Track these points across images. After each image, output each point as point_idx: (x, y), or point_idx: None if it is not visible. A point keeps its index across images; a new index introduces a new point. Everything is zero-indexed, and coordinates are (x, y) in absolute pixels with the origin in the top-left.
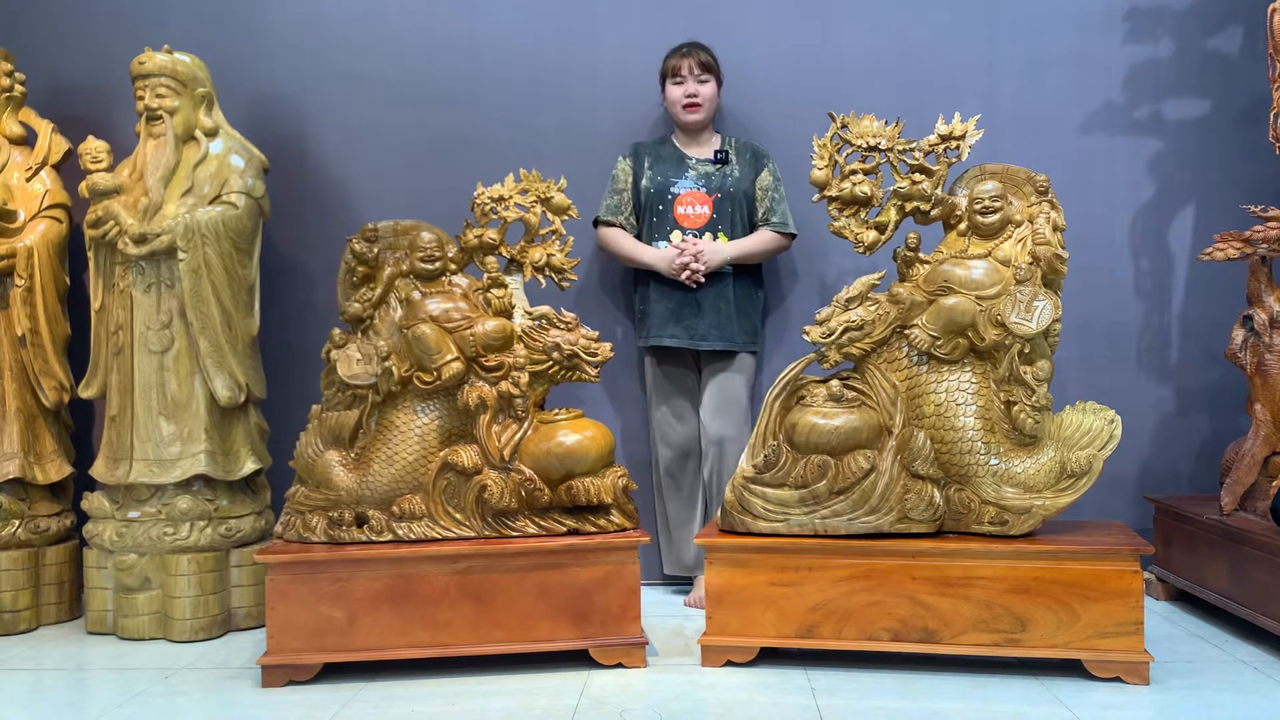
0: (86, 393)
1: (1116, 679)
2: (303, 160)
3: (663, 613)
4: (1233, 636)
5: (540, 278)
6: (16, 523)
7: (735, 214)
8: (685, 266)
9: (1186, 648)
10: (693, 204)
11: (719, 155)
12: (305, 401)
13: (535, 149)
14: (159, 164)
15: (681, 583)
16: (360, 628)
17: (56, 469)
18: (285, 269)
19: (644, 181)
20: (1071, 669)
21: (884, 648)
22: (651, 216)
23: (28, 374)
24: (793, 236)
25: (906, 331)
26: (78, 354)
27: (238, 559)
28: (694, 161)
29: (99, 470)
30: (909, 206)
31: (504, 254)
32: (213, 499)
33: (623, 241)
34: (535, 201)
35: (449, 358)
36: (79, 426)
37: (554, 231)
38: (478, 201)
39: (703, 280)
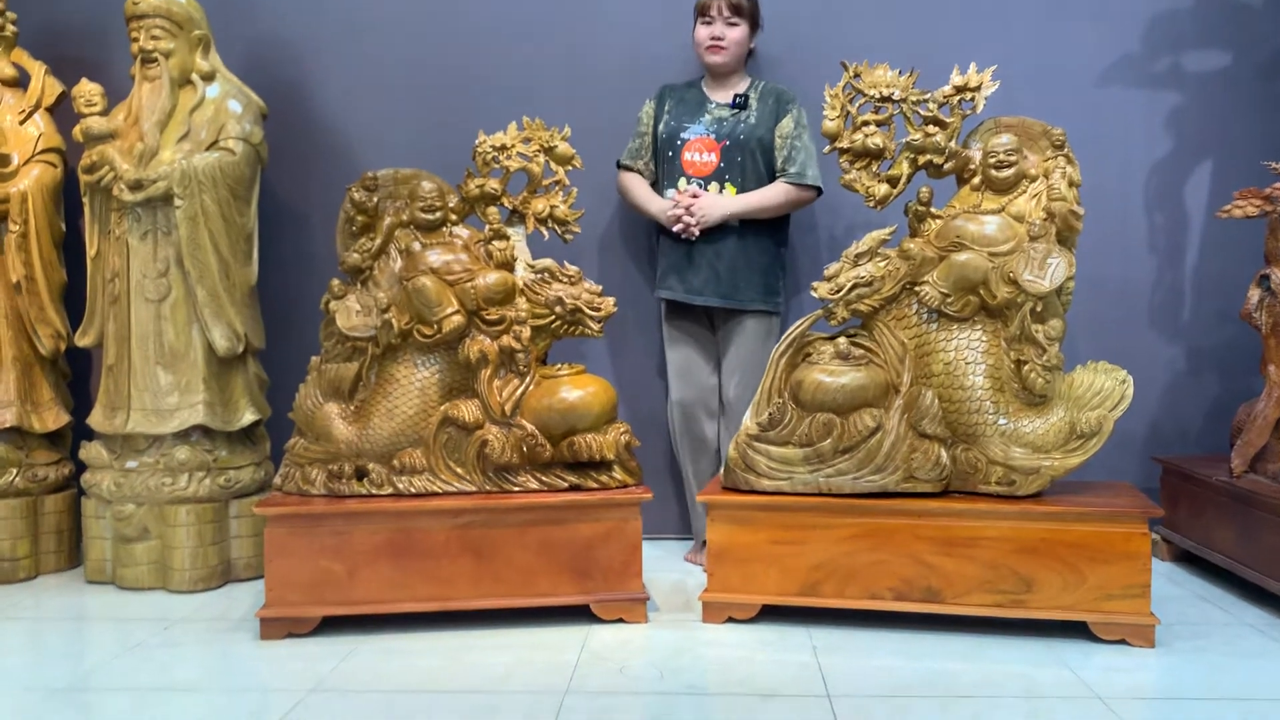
0: (83, 341)
1: (1122, 641)
2: (302, 106)
3: (666, 567)
4: (1239, 599)
5: (543, 230)
6: (14, 471)
7: (747, 163)
8: (679, 219)
9: (1192, 610)
10: (700, 150)
11: (737, 100)
12: (305, 352)
13: (541, 95)
14: (154, 108)
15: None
16: (360, 581)
17: (54, 417)
18: (284, 217)
19: (660, 125)
20: (1076, 631)
21: (887, 607)
22: (663, 163)
23: (23, 321)
24: (817, 190)
25: (917, 288)
26: (75, 301)
27: (237, 510)
28: (713, 106)
29: (96, 419)
30: (922, 160)
31: (506, 205)
32: (211, 450)
33: (635, 188)
34: (538, 151)
35: (449, 311)
36: (77, 374)
37: (557, 182)
38: (479, 150)
39: (695, 234)
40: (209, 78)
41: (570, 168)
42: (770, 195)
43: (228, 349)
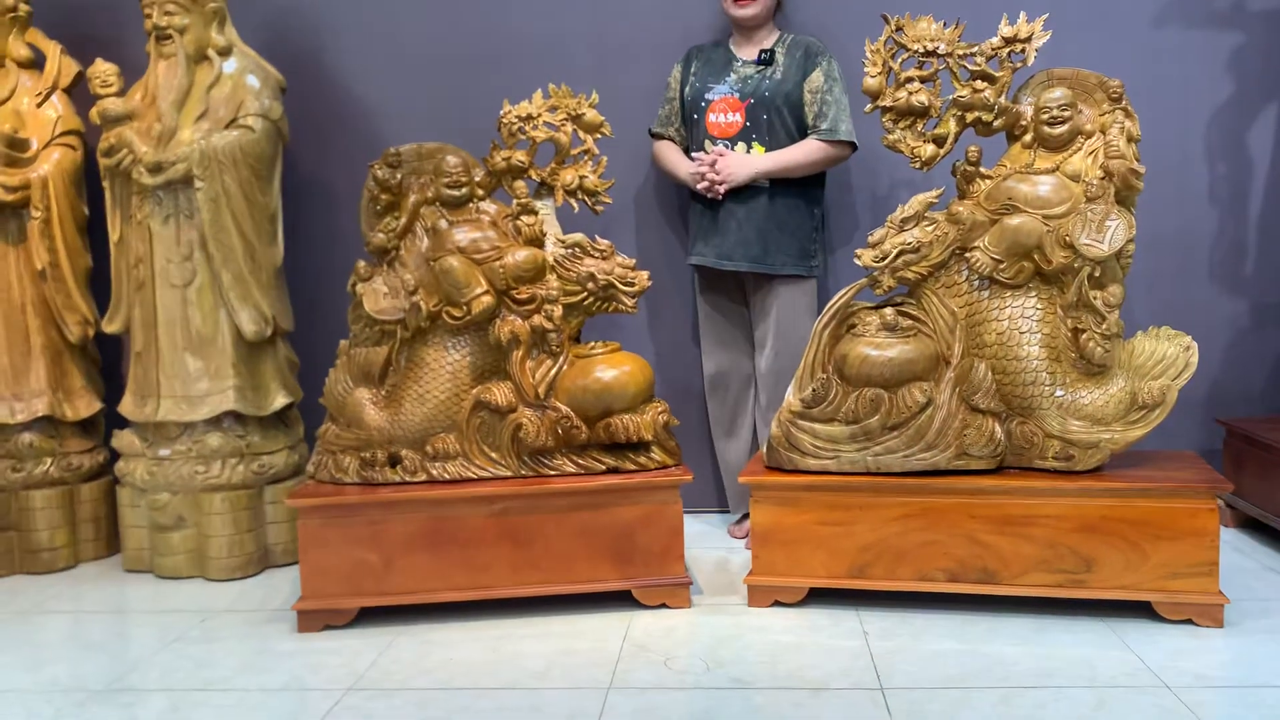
0: (110, 327)
1: (1188, 621)
2: (321, 77)
3: (708, 543)
4: None
5: (572, 201)
6: (49, 461)
7: (774, 121)
8: (703, 177)
9: (1261, 585)
10: (724, 111)
11: (763, 55)
12: (335, 331)
13: (568, 61)
14: (171, 87)
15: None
16: (396, 571)
17: (86, 404)
18: (308, 193)
19: (686, 89)
20: (1140, 611)
21: (940, 588)
22: (690, 127)
23: (51, 309)
24: (852, 146)
25: (967, 254)
26: (102, 286)
27: (272, 495)
28: (738, 64)
29: (127, 407)
30: (970, 117)
31: (534, 177)
32: (244, 435)
33: (665, 154)
34: (565, 119)
35: (478, 291)
36: (108, 360)
37: (586, 151)
38: (504, 121)
39: (720, 193)
40: (225, 52)
41: (599, 136)
42: (800, 153)
43: (256, 333)
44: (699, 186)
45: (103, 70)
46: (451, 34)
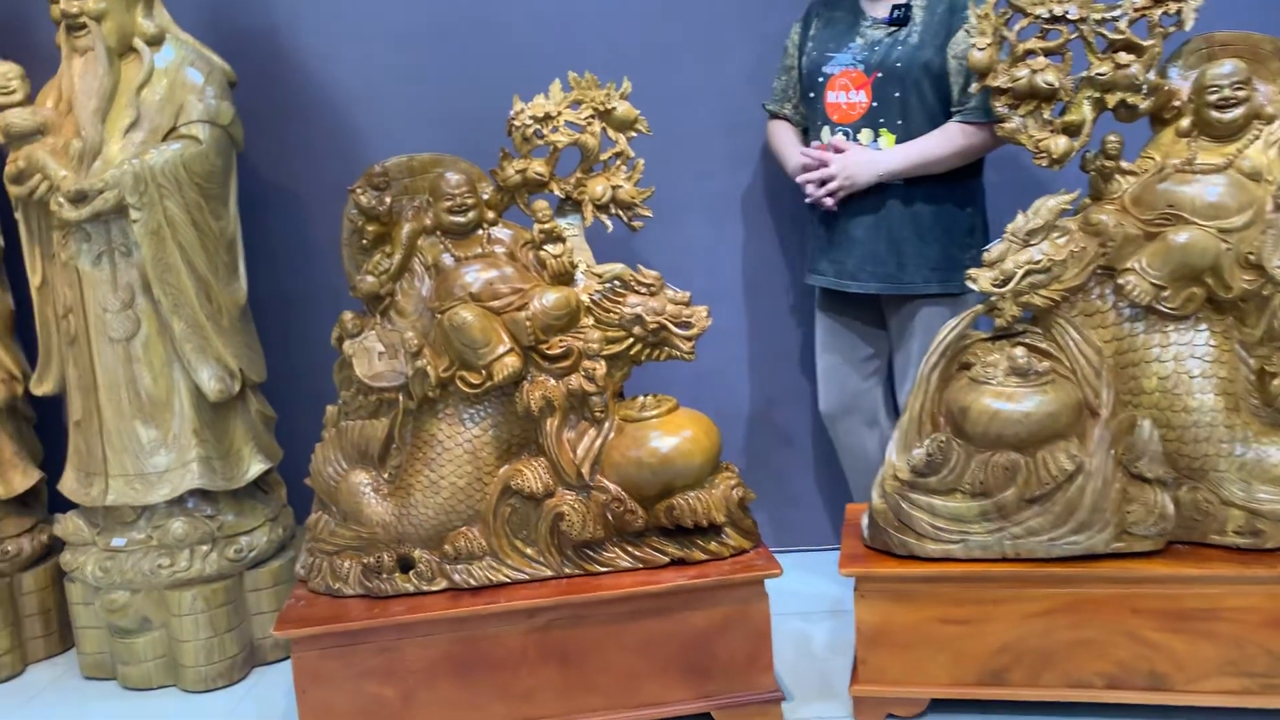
0: (40, 389)
1: None
2: (277, 58)
3: (782, 608)
4: None
5: (603, 218)
6: None
7: (909, 99)
8: (818, 184)
9: None
10: (846, 89)
11: (895, 12)
12: (314, 367)
13: (622, 27)
14: (91, 91)
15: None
16: (418, 706)
17: (21, 476)
18: (269, 204)
19: (803, 57)
20: None
21: (1097, 697)
22: (807, 105)
23: None
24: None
25: (1119, 278)
26: (29, 329)
27: (254, 581)
28: (866, 25)
29: (69, 486)
30: (1111, 100)
31: (555, 191)
32: (214, 514)
33: (777, 139)
34: (591, 116)
35: (500, 351)
36: (42, 411)
37: (619, 154)
38: (517, 123)
39: (832, 205)
40: (156, 41)
41: (634, 134)
42: (940, 143)
43: (220, 392)
44: (807, 197)
45: (1, 71)
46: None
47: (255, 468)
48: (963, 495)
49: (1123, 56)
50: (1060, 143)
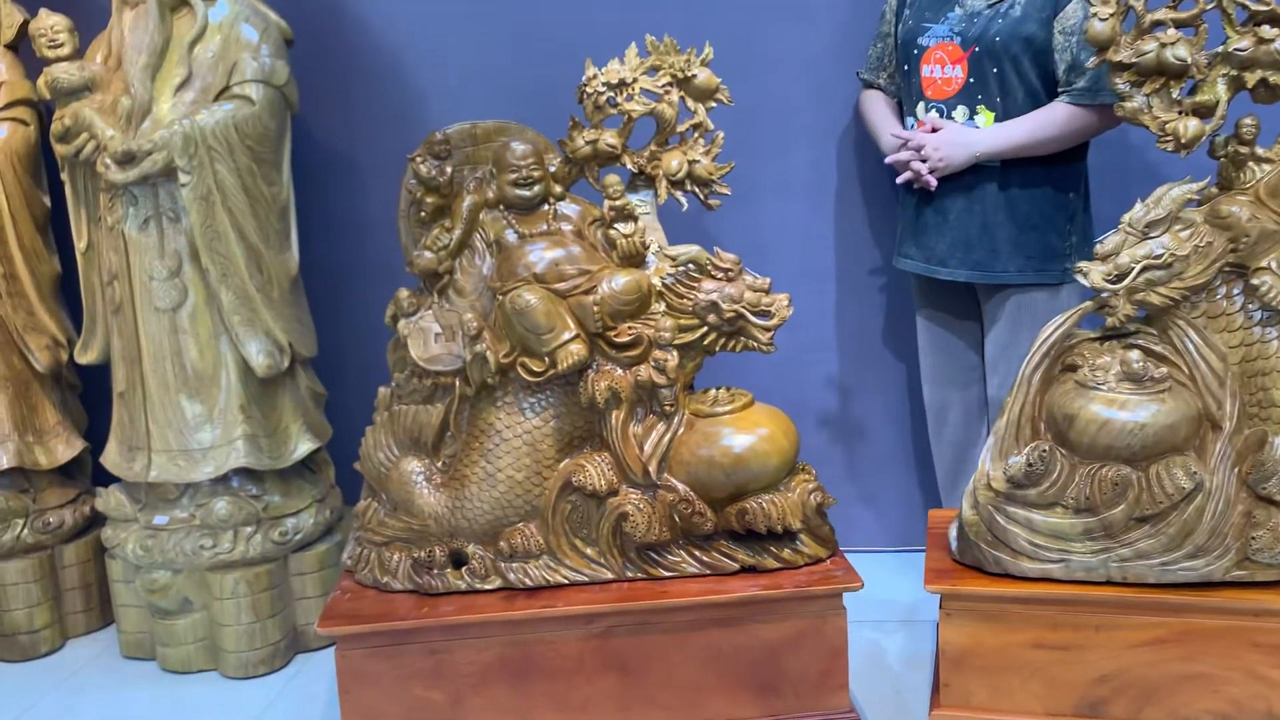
0: (85, 358)
1: None
2: (338, 16)
3: (862, 638)
4: None
5: (679, 195)
6: (20, 523)
7: (1008, 75)
8: (906, 165)
9: None
10: (941, 63)
11: None
12: (367, 343)
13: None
14: (141, 46)
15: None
16: (468, 712)
17: (64, 445)
18: (326, 170)
19: (900, 25)
20: None
21: None
22: (903, 78)
23: (9, 331)
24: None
25: (1252, 277)
26: (75, 293)
27: (300, 564)
28: None
29: (112, 460)
30: (1250, 78)
31: (627, 164)
32: (259, 495)
33: (870, 111)
34: (669, 84)
35: (565, 338)
36: (88, 378)
37: (698, 126)
38: (589, 90)
39: (931, 185)
40: None
41: (714, 104)
42: (1044, 124)
43: (269, 366)
44: (899, 178)
45: (48, 25)
46: None
47: (303, 446)
48: (1065, 510)
49: (1266, 30)
50: (1190, 125)
